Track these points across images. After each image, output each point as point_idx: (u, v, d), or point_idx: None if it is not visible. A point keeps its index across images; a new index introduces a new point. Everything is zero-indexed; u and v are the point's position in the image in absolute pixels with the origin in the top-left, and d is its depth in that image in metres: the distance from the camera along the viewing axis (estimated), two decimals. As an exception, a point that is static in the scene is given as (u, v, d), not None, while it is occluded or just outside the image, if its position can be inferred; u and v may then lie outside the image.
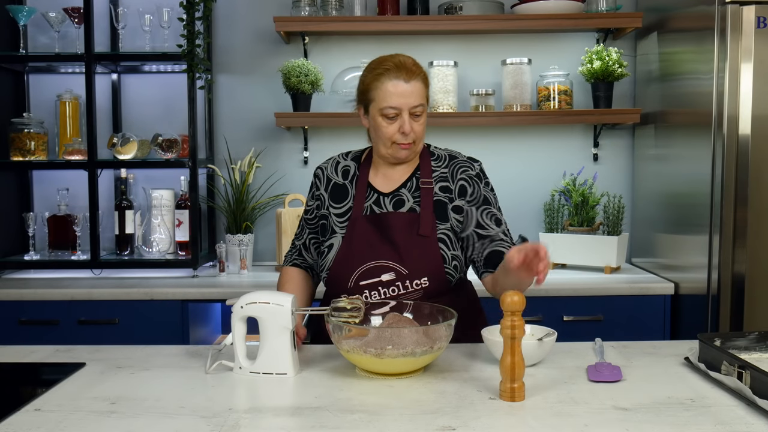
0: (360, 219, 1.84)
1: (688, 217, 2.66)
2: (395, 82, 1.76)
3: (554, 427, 1.25)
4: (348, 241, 1.82)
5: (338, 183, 1.91)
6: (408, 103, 1.77)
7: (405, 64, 1.79)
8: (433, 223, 1.80)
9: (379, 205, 1.85)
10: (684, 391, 1.42)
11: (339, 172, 1.94)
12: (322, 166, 1.98)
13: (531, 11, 3.01)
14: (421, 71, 1.81)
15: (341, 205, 1.88)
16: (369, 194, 1.87)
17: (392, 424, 1.26)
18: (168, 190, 3.08)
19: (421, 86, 1.79)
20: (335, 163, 1.96)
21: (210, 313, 3.06)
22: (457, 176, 1.87)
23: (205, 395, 1.42)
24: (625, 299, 2.70)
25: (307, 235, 1.97)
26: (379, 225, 1.82)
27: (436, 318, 1.63)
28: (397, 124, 1.78)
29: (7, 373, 1.61)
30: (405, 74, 1.76)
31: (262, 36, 3.25)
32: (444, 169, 1.88)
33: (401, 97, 1.76)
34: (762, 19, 2.35)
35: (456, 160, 1.90)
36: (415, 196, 1.85)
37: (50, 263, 2.98)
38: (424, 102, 1.80)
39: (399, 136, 1.79)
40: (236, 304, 1.56)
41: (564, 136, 3.27)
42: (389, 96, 1.76)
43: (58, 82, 3.19)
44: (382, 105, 1.78)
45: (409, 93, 1.76)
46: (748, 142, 2.39)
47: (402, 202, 1.85)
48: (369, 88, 1.81)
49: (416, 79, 1.78)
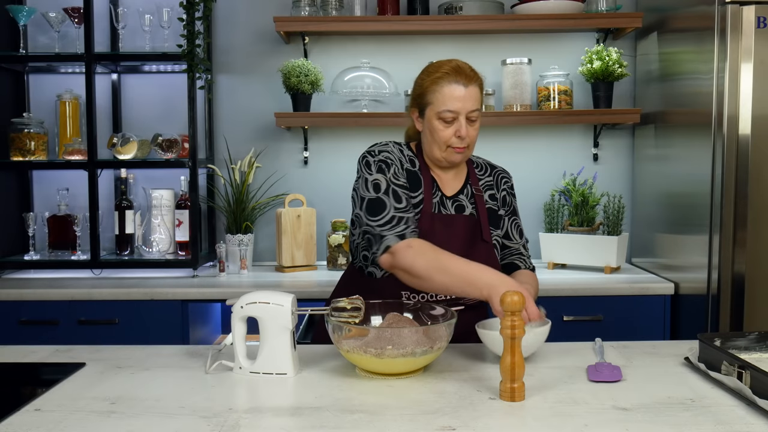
0: (431, 215, 1.83)
1: (688, 217, 2.66)
2: (454, 86, 1.78)
3: (554, 427, 1.25)
4: (422, 233, 1.79)
5: (410, 169, 1.87)
6: (465, 108, 1.78)
7: (463, 69, 1.80)
8: (489, 230, 1.87)
9: (443, 205, 1.87)
10: (684, 391, 1.42)
11: (405, 158, 1.87)
12: (385, 149, 1.83)
13: (531, 11, 3.01)
14: (477, 76, 1.82)
15: (416, 194, 1.85)
16: (435, 192, 1.88)
17: (392, 424, 1.26)
18: (168, 190, 3.08)
19: (478, 91, 1.81)
20: (399, 149, 1.87)
21: (210, 313, 3.06)
22: (501, 186, 1.96)
23: (205, 395, 1.42)
24: (625, 299, 2.70)
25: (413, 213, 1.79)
26: (449, 226, 1.83)
27: (436, 318, 1.63)
28: (454, 128, 1.79)
29: (7, 373, 1.61)
30: (464, 79, 1.78)
31: (262, 36, 3.25)
32: (488, 177, 1.95)
33: (459, 101, 1.77)
34: (762, 19, 2.35)
35: (496, 170, 1.99)
36: (471, 202, 1.90)
37: (50, 263, 2.98)
38: (479, 107, 1.81)
39: (455, 140, 1.80)
40: (236, 304, 1.56)
41: (564, 136, 3.27)
42: (448, 100, 1.78)
43: (58, 82, 3.19)
44: (440, 108, 1.78)
45: (467, 97, 1.78)
46: (748, 142, 2.39)
47: (462, 207, 1.89)
48: (426, 91, 1.81)
49: (474, 84, 1.80)
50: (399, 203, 1.76)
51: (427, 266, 1.65)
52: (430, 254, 1.67)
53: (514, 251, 1.93)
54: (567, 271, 2.97)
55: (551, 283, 2.72)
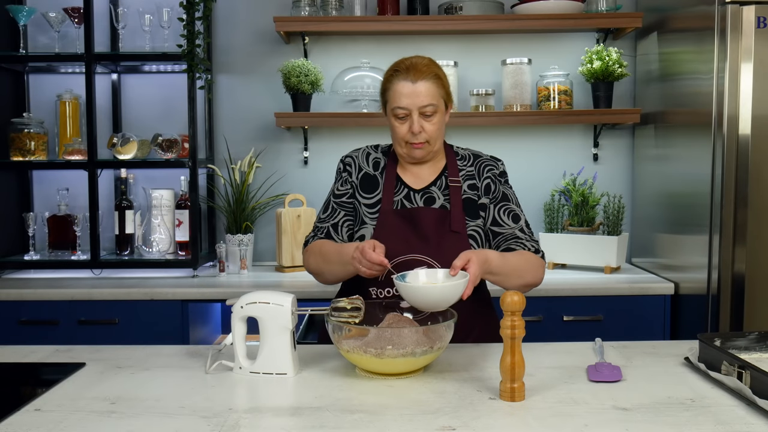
0: (392, 212, 1.85)
1: (688, 217, 2.66)
2: (403, 83, 1.79)
3: (554, 427, 1.25)
4: (379, 233, 1.83)
5: (369, 173, 1.92)
6: (415, 103, 1.78)
7: (416, 65, 1.81)
8: (463, 220, 1.85)
9: (409, 200, 1.88)
10: (684, 391, 1.42)
11: (370, 162, 1.94)
12: (352, 155, 1.97)
13: (531, 11, 3.01)
14: (431, 71, 1.81)
15: (371, 195, 1.89)
16: (399, 188, 1.89)
17: (392, 424, 1.26)
18: (168, 190, 3.08)
19: (431, 86, 1.80)
20: (366, 154, 1.96)
21: (210, 313, 3.06)
22: (483, 174, 1.92)
23: (205, 395, 1.42)
24: (625, 299, 2.70)
25: (341, 217, 1.91)
26: (410, 219, 1.84)
27: (436, 318, 1.63)
28: (408, 124, 1.81)
29: (7, 373, 1.61)
30: (413, 75, 1.79)
31: (262, 36, 3.25)
32: (470, 167, 1.93)
33: (407, 98, 1.78)
34: (762, 19, 2.35)
35: (480, 159, 1.95)
36: (444, 194, 1.89)
37: (50, 263, 2.98)
38: (435, 102, 1.80)
39: (410, 135, 1.81)
40: (236, 304, 1.56)
41: (564, 136, 3.27)
42: (397, 96, 1.80)
43: (58, 82, 3.19)
44: (392, 105, 1.82)
45: (416, 93, 1.78)
46: (748, 142, 2.39)
47: (432, 200, 1.88)
48: (384, 89, 1.86)
49: (425, 79, 1.79)
50: (324, 213, 1.94)
51: (315, 262, 1.85)
52: (316, 250, 1.85)
53: (508, 237, 1.86)
54: (567, 271, 2.97)
55: (551, 283, 2.72)
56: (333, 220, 1.91)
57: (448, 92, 1.86)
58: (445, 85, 1.84)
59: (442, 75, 1.84)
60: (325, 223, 1.92)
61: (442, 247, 1.80)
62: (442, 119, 1.85)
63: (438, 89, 1.81)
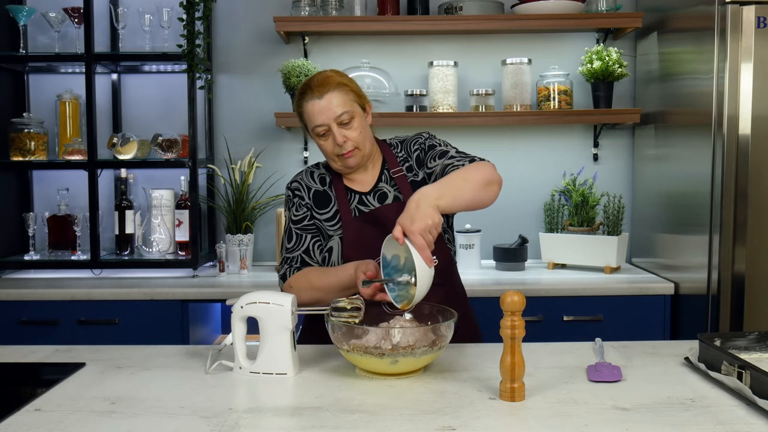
0: (352, 220, 1.85)
1: (688, 217, 2.66)
2: (311, 103, 1.80)
3: (554, 427, 1.25)
4: (348, 241, 1.84)
5: (318, 190, 1.92)
6: (329, 117, 1.78)
7: (319, 81, 1.80)
8: None
9: (363, 203, 1.88)
10: (684, 391, 1.42)
11: (316, 179, 1.94)
12: (296, 179, 1.95)
13: (531, 11, 3.01)
14: (335, 81, 1.80)
15: (326, 210, 1.90)
16: (350, 196, 1.90)
17: (392, 424, 1.26)
18: (168, 190, 3.08)
19: (339, 95, 1.79)
20: (310, 173, 1.96)
21: (210, 313, 3.06)
22: (412, 149, 1.92)
23: (205, 395, 1.42)
24: (625, 299, 2.70)
25: (309, 240, 1.90)
26: (373, 221, 1.84)
27: (436, 318, 1.63)
28: (331, 139, 1.81)
29: (7, 373, 1.61)
30: (318, 91, 1.79)
31: (262, 36, 3.25)
32: (401, 153, 1.93)
33: (321, 114, 1.79)
34: (762, 19, 2.35)
35: (407, 140, 1.95)
36: (393, 186, 1.89)
37: (50, 263, 2.98)
38: (348, 108, 1.79)
39: (337, 148, 1.81)
40: (236, 304, 1.56)
41: (564, 136, 3.27)
42: (312, 116, 1.81)
43: (58, 82, 3.19)
44: (311, 126, 1.82)
45: (326, 107, 1.78)
46: (748, 142, 2.39)
47: (385, 195, 1.88)
48: (299, 113, 1.87)
49: (330, 91, 1.78)
50: (289, 242, 1.90)
51: (310, 296, 1.79)
52: (304, 285, 1.81)
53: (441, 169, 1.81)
54: (567, 271, 2.97)
55: (551, 283, 2.72)
56: (302, 246, 1.88)
57: (360, 95, 1.85)
58: (354, 89, 1.84)
59: (347, 81, 1.84)
60: (294, 252, 1.88)
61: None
62: (363, 122, 1.84)
63: (346, 95, 1.81)
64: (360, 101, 1.85)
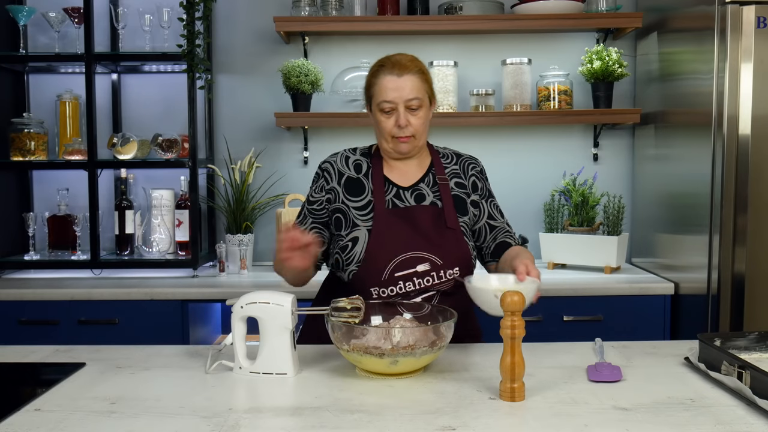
0: (385, 212, 1.85)
1: (688, 217, 2.66)
2: (388, 78, 1.82)
3: (554, 427, 1.25)
4: (377, 233, 1.82)
5: (352, 177, 1.91)
6: (402, 97, 1.80)
7: (399, 61, 1.84)
8: (456, 217, 1.87)
9: (399, 198, 1.88)
10: (684, 391, 1.42)
11: (351, 166, 1.93)
12: (330, 160, 1.95)
13: (531, 11, 3.01)
14: (416, 66, 1.84)
15: (359, 198, 1.88)
16: (388, 188, 1.89)
17: (392, 424, 1.26)
18: (168, 190, 3.08)
19: (416, 80, 1.82)
20: (344, 158, 1.95)
21: (210, 313, 3.06)
22: (469, 172, 1.96)
23: (205, 395, 1.42)
24: (625, 299, 2.70)
25: (309, 224, 1.92)
26: (406, 217, 1.84)
27: (436, 318, 1.63)
28: (394, 118, 1.82)
29: (7, 373, 1.61)
30: (398, 69, 1.82)
31: (262, 36, 3.25)
32: (454, 166, 1.96)
33: (394, 91, 1.81)
34: (762, 19, 2.35)
35: (463, 158, 1.99)
36: (434, 191, 1.90)
37: (50, 263, 2.98)
38: (420, 96, 1.82)
39: (396, 129, 1.83)
40: (236, 304, 1.56)
41: (564, 136, 3.27)
42: (384, 91, 1.82)
43: (58, 82, 3.19)
44: (378, 100, 1.83)
45: (402, 87, 1.80)
46: (748, 142, 2.39)
47: (423, 197, 1.89)
48: (369, 85, 1.88)
49: (410, 74, 1.82)
50: (297, 218, 1.96)
51: (289, 277, 1.94)
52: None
53: (502, 230, 1.95)
54: (567, 271, 2.97)
55: (551, 283, 2.72)
56: (302, 226, 1.91)
57: (432, 89, 1.89)
58: (429, 81, 1.87)
59: (426, 71, 1.87)
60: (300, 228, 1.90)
61: (440, 243, 1.82)
62: (427, 115, 1.87)
63: (423, 84, 1.84)
64: (430, 94, 1.88)
